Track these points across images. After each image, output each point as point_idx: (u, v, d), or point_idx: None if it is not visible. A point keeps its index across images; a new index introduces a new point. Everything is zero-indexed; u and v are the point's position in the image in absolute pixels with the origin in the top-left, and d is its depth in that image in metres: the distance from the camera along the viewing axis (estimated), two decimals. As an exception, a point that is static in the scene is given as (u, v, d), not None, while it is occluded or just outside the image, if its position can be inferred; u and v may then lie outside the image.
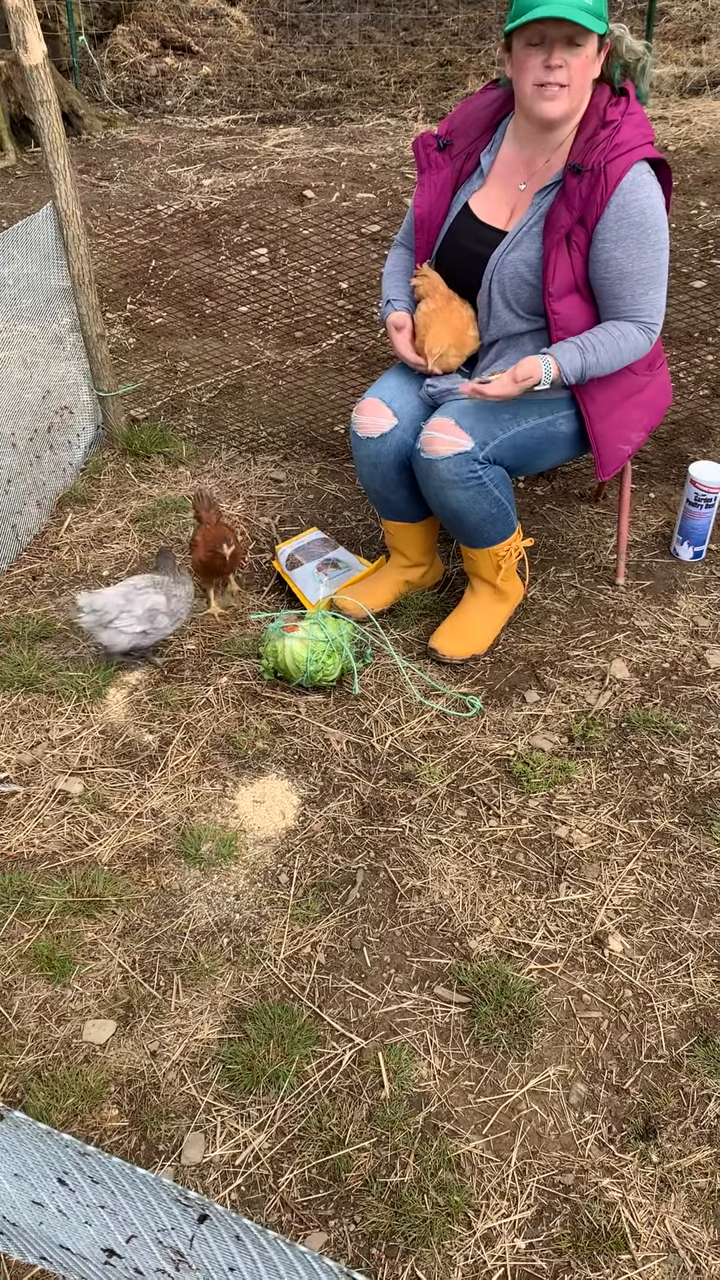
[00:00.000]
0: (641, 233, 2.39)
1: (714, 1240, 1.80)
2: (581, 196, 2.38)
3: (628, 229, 2.38)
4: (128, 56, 7.74)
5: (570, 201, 2.40)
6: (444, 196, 2.61)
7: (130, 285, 4.74)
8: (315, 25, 8.38)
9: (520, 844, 2.42)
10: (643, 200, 2.38)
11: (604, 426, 2.63)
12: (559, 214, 2.42)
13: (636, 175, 2.37)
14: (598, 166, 2.35)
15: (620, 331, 2.48)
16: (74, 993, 2.17)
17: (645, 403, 2.69)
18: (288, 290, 4.63)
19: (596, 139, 2.38)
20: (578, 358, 2.46)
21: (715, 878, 2.33)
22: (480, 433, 2.55)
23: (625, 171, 2.35)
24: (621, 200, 2.36)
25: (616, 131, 2.37)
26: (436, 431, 2.57)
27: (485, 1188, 1.87)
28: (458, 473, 2.56)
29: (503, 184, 2.57)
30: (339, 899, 2.32)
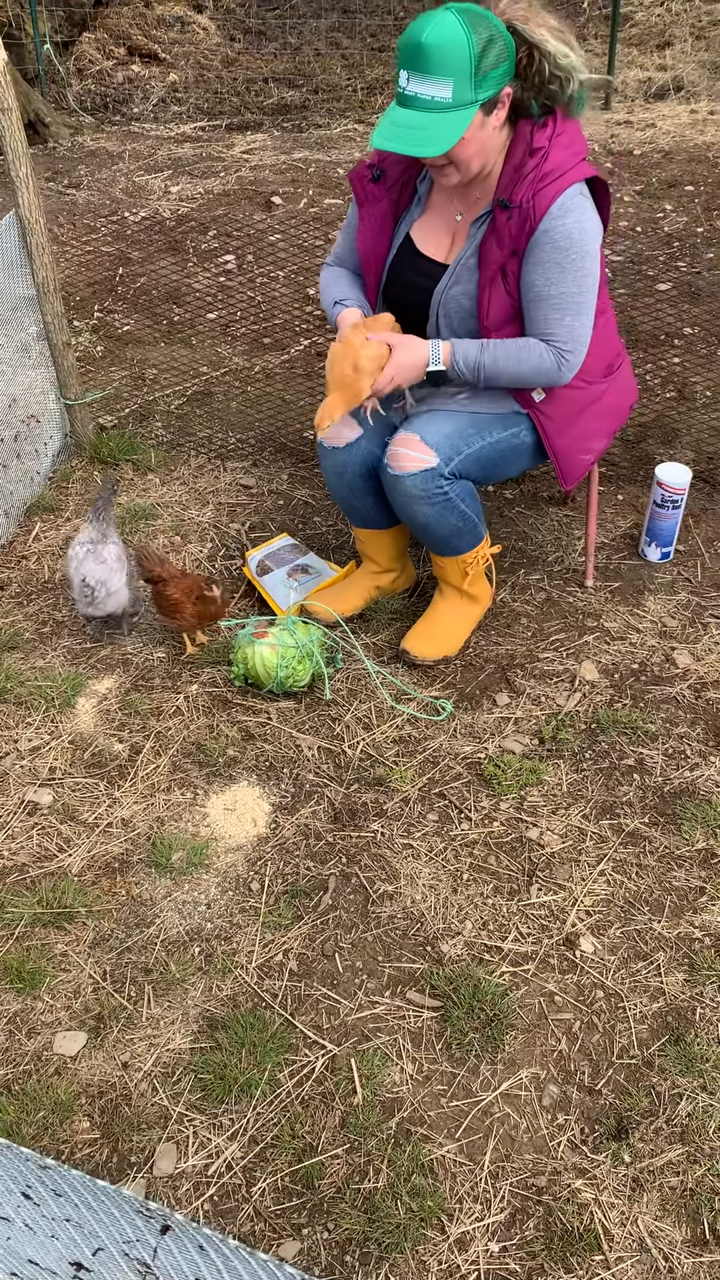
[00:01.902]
0: (564, 257, 2.34)
1: (686, 1239, 1.80)
2: (511, 233, 2.34)
3: (549, 253, 2.33)
4: (94, 64, 7.73)
5: (500, 238, 2.37)
6: (385, 230, 2.56)
7: (97, 293, 4.73)
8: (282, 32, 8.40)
9: (492, 847, 2.42)
10: (569, 225, 2.32)
11: (563, 441, 2.64)
12: (490, 250, 2.39)
13: (566, 200, 2.31)
14: (525, 201, 2.31)
15: (527, 344, 2.43)
16: (44, 1005, 2.16)
17: (605, 410, 2.69)
18: (256, 297, 4.63)
19: (524, 169, 2.32)
20: (473, 350, 2.43)
21: (685, 877, 2.34)
22: (445, 449, 2.54)
23: (553, 201, 2.29)
24: (547, 226, 2.31)
25: (545, 159, 2.30)
26: (401, 448, 2.57)
27: (458, 1192, 1.87)
28: (424, 489, 2.56)
29: (440, 213, 2.52)
30: (311, 906, 2.32)
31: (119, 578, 2.82)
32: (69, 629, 3.02)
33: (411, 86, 2.21)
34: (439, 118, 2.21)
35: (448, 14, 2.16)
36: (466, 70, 2.16)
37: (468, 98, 2.20)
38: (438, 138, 2.22)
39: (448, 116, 2.21)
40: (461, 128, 2.22)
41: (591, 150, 5.83)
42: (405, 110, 2.24)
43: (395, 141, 2.25)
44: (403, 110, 2.24)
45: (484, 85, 2.20)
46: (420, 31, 2.15)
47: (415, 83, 2.20)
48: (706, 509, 3.34)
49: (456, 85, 2.17)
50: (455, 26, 2.14)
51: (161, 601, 2.79)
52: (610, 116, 6.46)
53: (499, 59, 2.20)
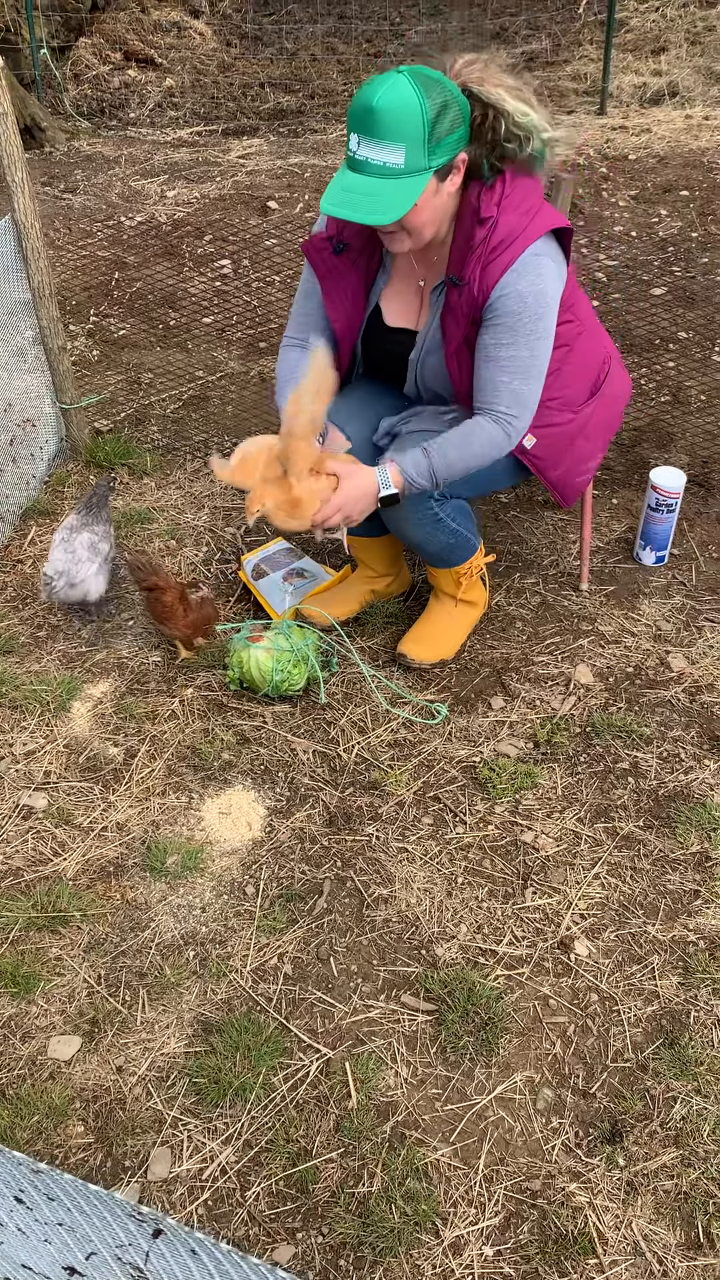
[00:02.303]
0: (515, 321, 2.26)
1: (680, 1242, 1.81)
2: (464, 310, 2.29)
3: (501, 317, 2.27)
4: (90, 69, 7.74)
5: (455, 315, 2.32)
6: (359, 302, 2.47)
7: (94, 297, 4.73)
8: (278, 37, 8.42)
9: (487, 850, 2.42)
10: (522, 289, 2.24)
11: (558, 473, 2.63)
12: (449, 327, 2.35)
13: (518, 267, 2.22)
14: (473, 278, 2.24)
15: (470, 428, 2.36)
16: (39, 1009, 2.16)
17: (597, 429, 2.65)
18: (252, 301, 4.63)
19: (473, 242, 2.22)
20: (422, 459, 2.36)
21: (679, 880, 2.34)
22: None
23: (502, 275, 2.22)
24: (499, 293, 2.24)
25: (494, 229, 2.20)
26: None
27: (453, 1196, 1.87)
28: (413, 512, 2.55)
29: (405, 278, 2.45)
30: (306, 909, 2.32)
31: (86, 568, 2.83)
32: (64, 633, 3.02)
33: (362, 151, 2.11)
34: (391, 184, 2.11)
35: (400, 77, 2.06)
36: (420, 136, 2.07)
37: (421, 164, 2.10)
38: (389, 205, 2.12)
39: (400, 183, 2.11)
40: (414, 195, 2.12)
41: (586, 155, 5.85)
42: (356, 175, 2.14)
43: (345, 208, 2.15)
44: (353, 175, 2.15)
45: (438, 152, 2.11)
46: (372, 95, 2.05)
47: (366, 147, 2.10)
48: (701, 513, 3.35)
49: (409, 152, 2.08)
50: (408, 91, 2.04)
51: (156, 608, 2.79)
52: (605, 122, 6.47)
53: (454, 125, 2.11)
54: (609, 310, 4.41)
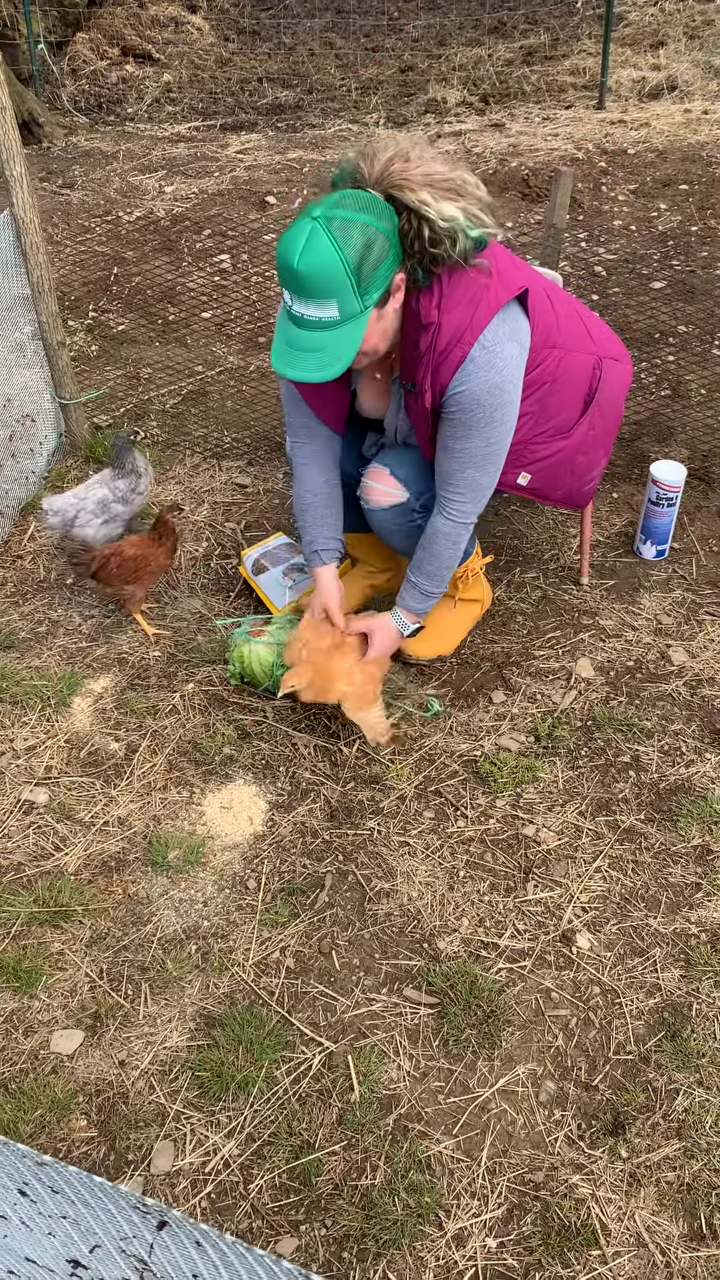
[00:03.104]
0: (470, 418, 2.28)
1: (683, 1233, 1.81)
2: (420, 412, 2.34)
3: (456, 414, 2.28)
4: (88, 64, 7.72)
5: (415, 416, 2.37)
6: (343, 397, 2.51)
7: (92, 292, 4.72)
8: (276, 32, 8.40)
9: (488, 844, 2.42)
10: (474, 388, 2.23)
11: (561, 494, 2.66)
12: (415, 423, 2.41)
13: (468, 366, 2.21)
14: (425, 383, 2.26)
15: (427, 538, 2.49)
16: (41, 1003, 2.16)
17: (595, 441, 2.65)
18: (251, 296, 4.63)
19: (419, 348, 2.22)
20: (415, 593, 2.57)
21: (681, 873, 2.34)
22: (415, 483, 2.54)
23: (454, 373, 2.22)
24: (453, 392, 2.25)
25: (438, 334, 2.19)
26: (373, 481, 2.57)
27: (456, 1188, 1.87)
28: (398, 522, 2.58)
29: (368, 377, 2.51)
30: (308, 903, 2.32)
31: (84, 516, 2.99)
32: (64, 628, 3.02)
33: (297, 308, 2.11)
34: (332, 335, 2.12)
35: (318, 231, 2.02)
36: (347, 287, 2.05)
37: (355, 309, 2.09)
38: (335, 356, 2.14)
39: (340, 332, 2.12)
40: (356, 341, 2.13)
41: (585, 150, 5.84)
42: (297, 330, 2.15)
43: (295, 368, 2.17)
44: (294, 329, 2.15)
45: (370, 289, 2.08)
46: (291, 255, 2.03)
47: (300, 304, 2.10)
48: (701, 506, 3.35)
49: (341, 303, 2.07)
50: (326, 246, 2.01)
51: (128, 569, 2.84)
52: (605, 116, 6.47)
53: (380, 258, 2.06)
54: (609, 304, 4.40)
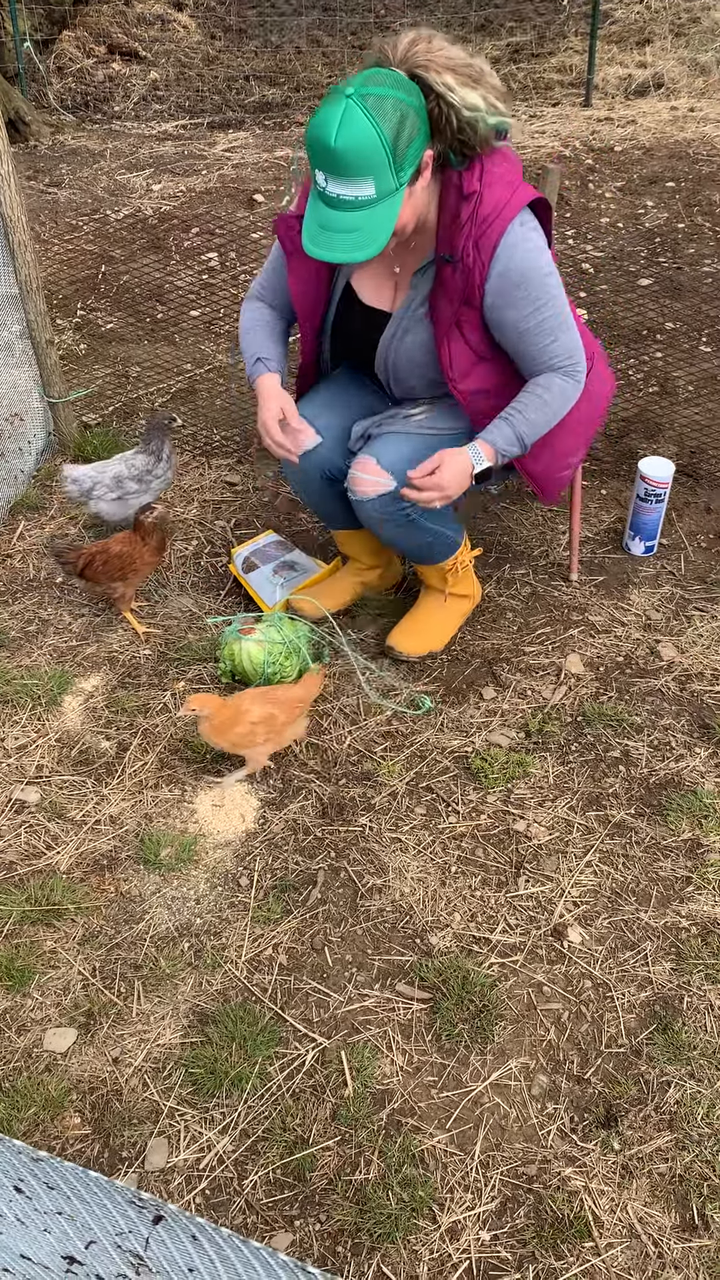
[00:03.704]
0: (527, 290, 2.28)
1: (675, 1225, 1.82)
2: (458, 285, 2.29)
3: (513, 291, 2.28)
4: (74, 63, 7.70)
5: (449, 292, 2.31)
6: (322, 282, 2.47)
7: (80, 291, 4.71)
8: (263, 30, 8.39)
9: (479, 839, 2.43)
10: (519, 259, 2.26)
11: (538, 466, 2.62)
12: (441, 306, 2.34)
13: (509, 239, 2.24)
14: (468, 253, 2.24)
15: (541, 385, 2.39)
16: (34, 1002, 2.16)
17: (577, 423, 2.62)
18: (239, 294, 4.62)
19: (460, 219, 2.22)
20: (506, 428, 2.39)
21: (671, 867, 2.36)
22: (401, 472, 2.51)
23: (497, 244, 2.23)
24: (499, 270, 2.25)
25: (480, 204, 2.21)
26: (360, 471, 2.54)
27: (449, 1182, 1.88)
28: (385, 512, 2.55)
29: (378, 263, 2.43)
30: (300, 900, 2.32)
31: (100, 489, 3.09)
32: (54, 627, 3.02)
33: (332, 188, 2.09)
34: (368, 214, 2.11)
35: (352, 109, 2.01)
36: (385, 163, 2.05)
37: (391, 186, 2.10)
38: (372, 236, 2.14)
39: (376, 211, 2.11)
40: (393, 217, 2.13)
41: (572, 147, 5.85)
42: (331, 211, 2.13)
43: (331, 250, 2.16)
44: (327, 210, 2.13)
45: (404, 166, 2.10)
46: (328, 134, 2.02)
47: (335, 185, 2.09)
48: (689, 502, 3.36)
49: (378, 181, 2.07)
50: (362, 121, 2.01)
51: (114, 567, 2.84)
52: (591, 113, 6.48)
53: (412, 134, 2.08)
54: (596, 301, 4.41)
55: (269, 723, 2.45)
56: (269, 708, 2.46)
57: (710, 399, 3.78)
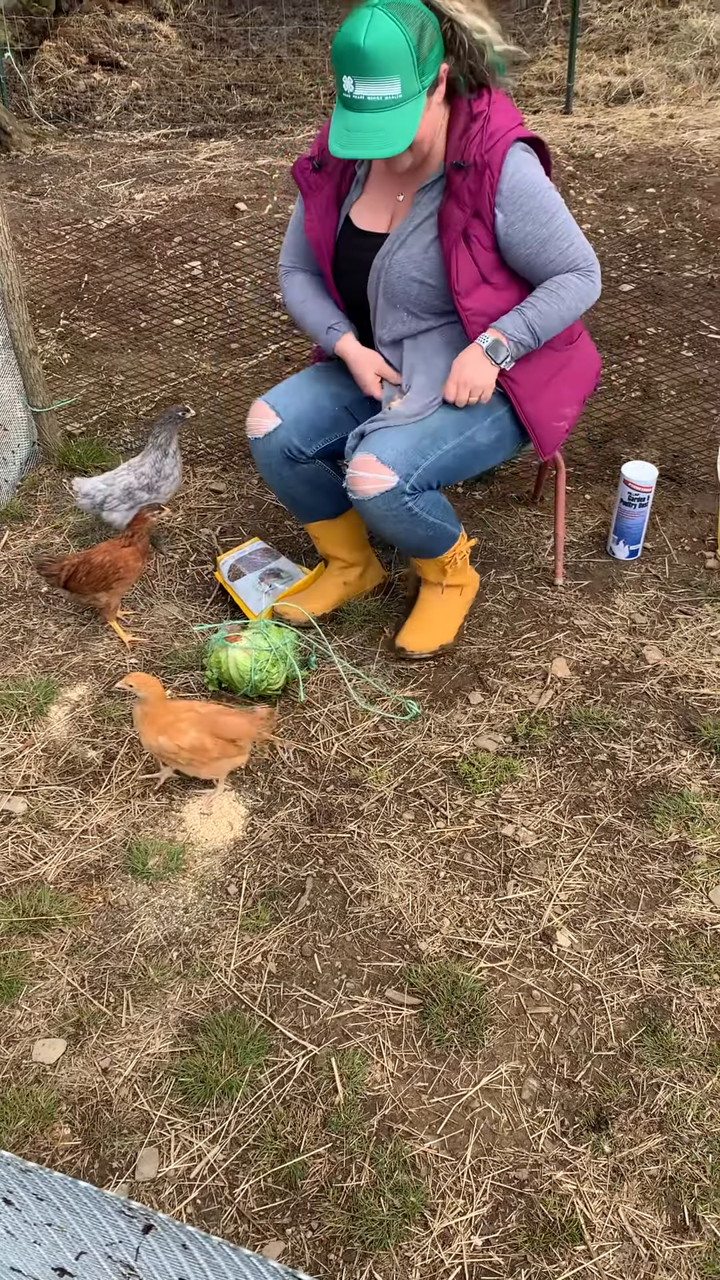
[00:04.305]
0: (539, 200, 2.41)
1: (666, 1226, 1.82)
2: (470, 190, 2.39)
3: (526, 202, 2.40)
4: (55, 73, 7.70)
5: (460, 198, 2.41)
6: (331, 214, 2.60)
7: (63, 300, 4.71)
8: (244, 39, 8.41)
9: (468, 844, 2.44)
10: (528, 173, 2.40)
11: (535, 407, 2.64)
12: (451, 213, 2.43)
13: (515, 155, 2.38)
14: (480, 160, 2.37)
15: (556, 283, 2.50)
16: (22, 1013, 2.15)
17: (573, 376, 2.72)
18: (222, 302, 4.63)
19: (470, 132, 2.37)
20: (516, 315, 2.49)
21: (659, 869, 2.37)
22: (403, 465, 2.53)
23: (506, 153, 2.36)
24: (511, 183, 2.38)
25: (488, 122, 2.37)
26: (361, 470, 2.55)
27: (441, 1187, 1.88)
28: (388, 508, 2.57)
29: (379, 191, 2.56)
30: (289, 907, 2.32)
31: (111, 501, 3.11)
32: (40, 637, 3.01)
33: (359, 90, 2.24)
34: (392, 115, 2.25)
35: (378, 12, 2.18)
36: (410, 64, 2.21)
37: (415, 88, 2.25)
38: (397, 135, 2.27)
39: (401, 111, 2.25)
40: (416, 118, 2.27)
41: (553, 153, 5.88)
42: (356, 114, 2.27)
43: (357, 148, 2.29)
44: (354, 114, 2.27)
45: (426, 71, 2.25)
46: (357, 35, 2.17)
47: (362, 86, 2.23)
48: (673, 506, 3.38)
49: (404, 81, 2.22)
50: (389, 24, 2.17)
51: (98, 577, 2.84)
52: (571, 120, 6.51)
53: (432, 41, 2.24)
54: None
55: (195, 753, 2.42)
56: (205, 739, 2.41)
57: (692, 403, 3.81)
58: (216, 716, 2.45)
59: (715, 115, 6.47)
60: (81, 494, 3.13)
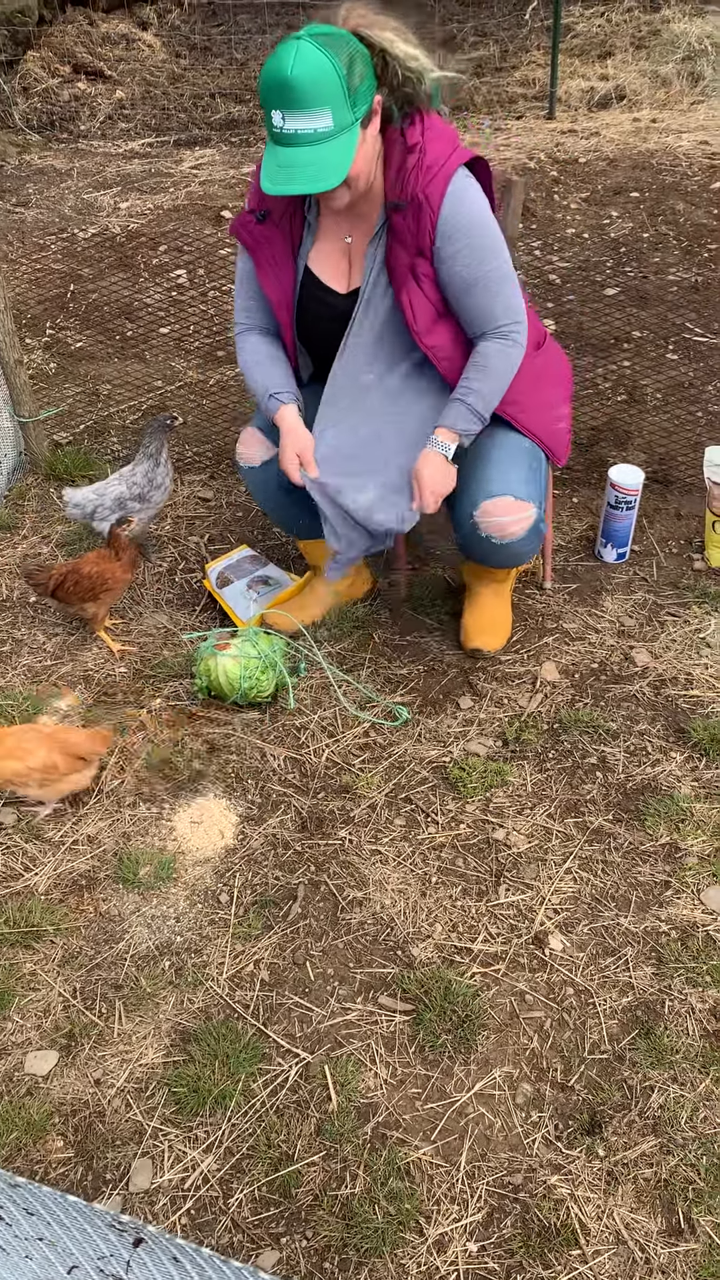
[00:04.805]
0: (476, 239, 2.31)
1: (662, 1229, 1.82)
2: (411, 230, 2.31)
3: (459, 239, 2.31)
4: (39, 82, 7.70)
5: (403, 239, 2.33)
6: (287, 266, 2.48)
7: (49, 310, 4.71)
8: (227, 47, 8.42)
9: (459, 849, 2.44)
10: (468, 207, 2.30)
11: (533, 421, 2.62)
12: (396, 255, 2.36)
13: (455, 187, 2.28)
14: (417, 197, 2.27)
15: (480, 354, 2.42)
16: (14, 1025, 2.14)
17: (552, 378, 2.70)
18: (209, 310, 4.63)
19: (406, 167, 2.28)
20: (459, 406, 2.43)
21: (650, 872, 2.37)
22: (535, 494, 2.57)
23: (445, 190, 2.27)
24: (447, 214, 2.28)
25: (424, 154, 2.27)
26: (503, 516, 2.54)
27: (435, 1193, 1.88)
28: (529, 541, 2.61)
29: (331, 236, 2.47)
30: (280, 915, 2.32)
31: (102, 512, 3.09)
32: (29, 647, 3.00)
33: (289, 124, 2.13)
34: (326, 148, 2.16)
35: (304, 43, 2.09)
36: (340, 94, 2.11)
37: (348, 120, 2.15)
38: (331, 169, 2.18)
39: (334, 144, 2.16)
40: (350, 151, 2.17)
41: (537, 159, 5.90)
42: (288, 149, 2.17)
43: (290, 184, 2.19)
44: (285, 150, 2.17)
45: (358, 102, 2.16)
46: (284, 68, 2.08)
47: (292, 120, 2.13)
48: (660, 509, 3.39)
49: (335, 112, 2.12)
50: (317, 55, 2.08)
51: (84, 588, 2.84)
52: (555, 126, 6.54)
53: (363, 74, 2.16)
54: (563, 312, 4.45)
55: (47, 772, 2.41)
56: (54, 756, 2.40)
57: (678, 406, 3.82)
58: (62, 734, 2.48)
59: (697, 119, 6.51)
60: (71, 505, 3.12)
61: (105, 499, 3.09)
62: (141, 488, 3.09)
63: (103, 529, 3.10)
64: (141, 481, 3.09)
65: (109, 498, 3.09)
